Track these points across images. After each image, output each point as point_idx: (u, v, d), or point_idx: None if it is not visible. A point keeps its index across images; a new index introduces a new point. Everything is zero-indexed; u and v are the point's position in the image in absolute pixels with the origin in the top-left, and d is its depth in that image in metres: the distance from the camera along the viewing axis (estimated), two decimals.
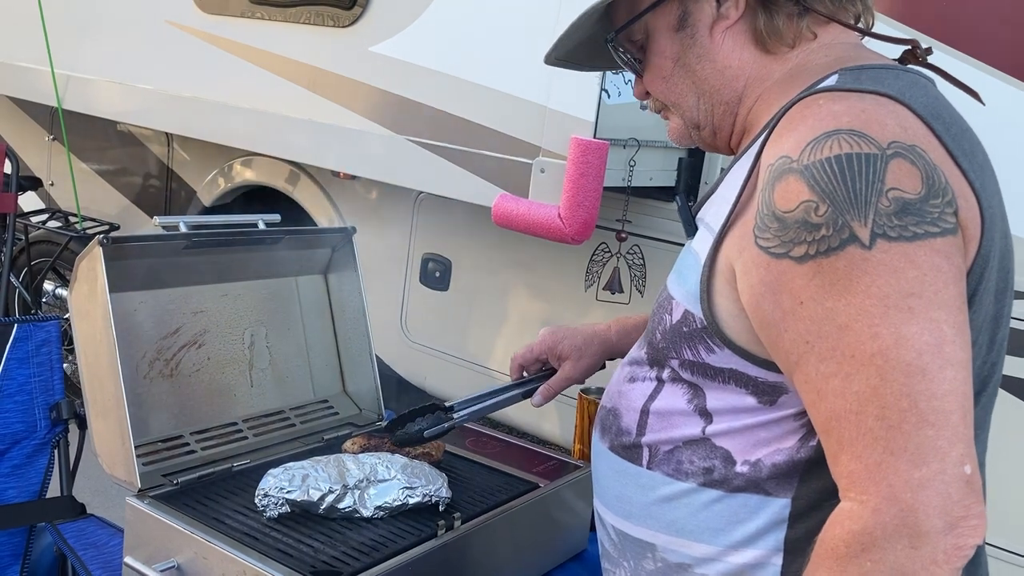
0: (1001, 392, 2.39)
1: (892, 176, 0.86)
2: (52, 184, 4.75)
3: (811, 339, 0.87)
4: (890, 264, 0.84)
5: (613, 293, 2.97)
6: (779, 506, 0.98)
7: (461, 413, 1.47)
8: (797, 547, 0.98)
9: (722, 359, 0.99)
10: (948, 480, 0.81)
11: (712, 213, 1.03)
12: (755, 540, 1.00)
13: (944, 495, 0.81)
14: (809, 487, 0.97)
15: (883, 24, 2.36)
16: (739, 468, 0.99)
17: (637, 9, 1.09)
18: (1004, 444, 2.26)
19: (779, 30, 1.04)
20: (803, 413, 0.95)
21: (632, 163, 2.73)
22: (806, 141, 0.89)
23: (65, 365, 2.21)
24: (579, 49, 1.18)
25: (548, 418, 3.12)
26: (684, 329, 1.02)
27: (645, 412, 1.08)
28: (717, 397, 1.01)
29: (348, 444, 1.62)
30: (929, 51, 1.05)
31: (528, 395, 1.53)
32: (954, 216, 0.87)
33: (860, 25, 1.08)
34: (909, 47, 1.05)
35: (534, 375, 1.56)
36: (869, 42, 1.09)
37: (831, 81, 0.97)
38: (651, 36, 1.10)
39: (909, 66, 1.04)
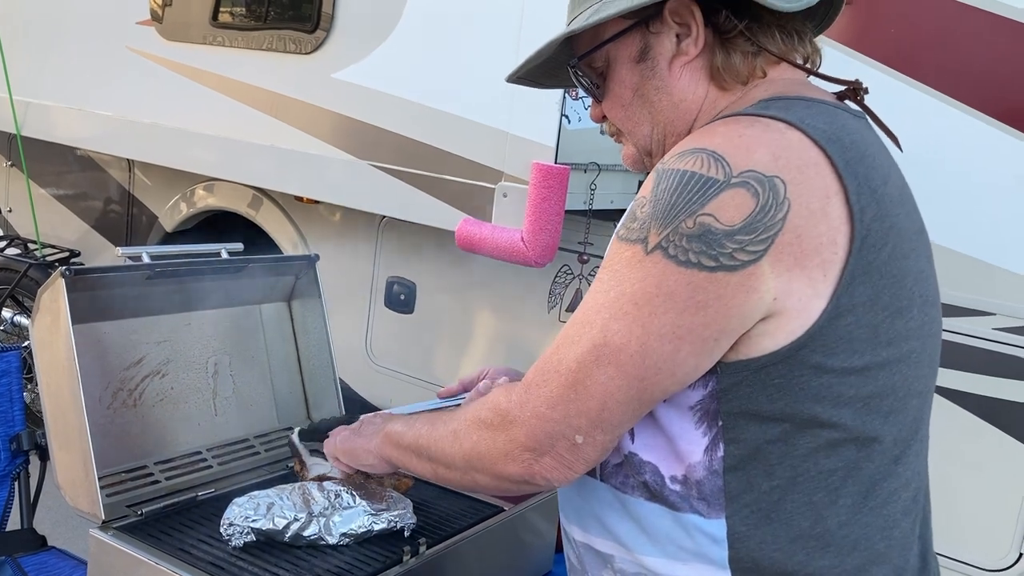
0: (946, 403, 2.45)
1: (716, 204, 0.93)
2: (11, 211, 4.70)
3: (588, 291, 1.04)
4: (647, 273, 0.95)
5: None
6: (715, 526, 1.02)
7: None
8: (743, 567, 1.01)
9: None
10: (559, 431, 0.99)
11: None
12: (700, 555, 1.03)
13: (548, 434, 1.00)
14: (739, 508, 1.00)
15: (840, 53, 2.44)
16: (669, 485, 1.03)
17: (600, 38, 1.12)
18: (952, 453, 2.33)
19: (735, 68, 1.08)
20: (702, 420, 1.00)
21: (593, 187, 2.77)
22: (678, 150, 0.99)
23: (24, 394, 2.19)
24: (538, 69, 1.21)
25: None
26: None
27: None
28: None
29: (295, 465, 1.62)
30: (866, 91, 1.11)
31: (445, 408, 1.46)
32: (756, 254, 0.92)
33: (807, 66, 1.12)
34: (850, 86, 1.10)
35: (460, 394, 1.49)
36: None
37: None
38: (612, 64, 1.14)
39: (838, 102, 1.08)
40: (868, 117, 1.10)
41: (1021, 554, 2.35)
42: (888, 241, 0.98)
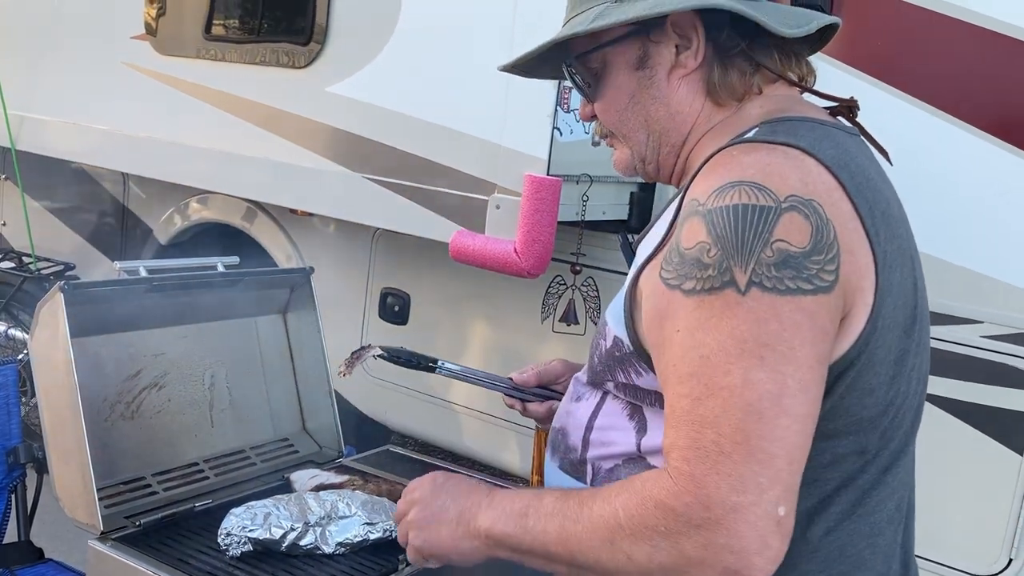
0: (937, 411, 2.46)
1: (782, 228, 0.92)
2: (5, 224, 4.70)
3: (677, 363, 0.95)
4: (757, 312, 0.91)
5: (569, 324, 3.02)
6: None
7: (443, 367, 1.52)
8: None
9: (648, 382, 1.05)
10: (760, 514, 0.89)
11: (644, 247, 1.10)
12: None
13: (752, 525, 0.88)
14: None
15: (828, 65, 2.47)
16: None
17: (599, 40, 1.13)
18: (942, 460, 2.35)
19: (731, 85, 1.10)
20: None
21: (585, 198, 2.79)
22: (713, 188, 0.97)
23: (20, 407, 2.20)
24: (531, 61, 1.22)
25: (508, 449, 3.15)
26: (616, 354, 1.09)
27: (589, 428, 1.14)
28: (650, 417, 1.06)
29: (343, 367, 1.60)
30: (858, 108, 1.13)
31: (512, 395, 1.47)
32: (834, 273, 0.93)
33: (802, 84, 1.14)
34: (843, 104, 1.13)
35: (532, 388, 1.48)
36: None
37: (751, 133, 1.04)
38: (608, 68, 1.15)
39: (834, 119, 1.11)
40: (860, 134, 1.12)
41: (1011, 559, 2.37)
42: (898, 261, 1.00)
